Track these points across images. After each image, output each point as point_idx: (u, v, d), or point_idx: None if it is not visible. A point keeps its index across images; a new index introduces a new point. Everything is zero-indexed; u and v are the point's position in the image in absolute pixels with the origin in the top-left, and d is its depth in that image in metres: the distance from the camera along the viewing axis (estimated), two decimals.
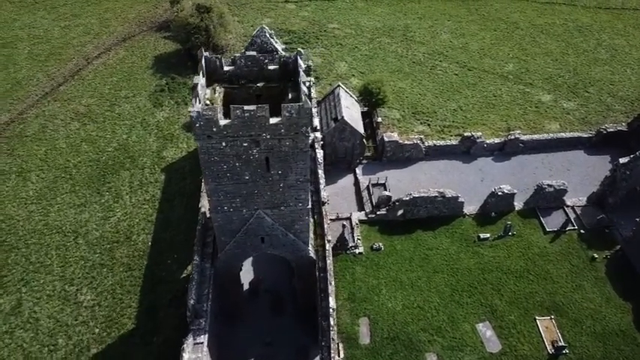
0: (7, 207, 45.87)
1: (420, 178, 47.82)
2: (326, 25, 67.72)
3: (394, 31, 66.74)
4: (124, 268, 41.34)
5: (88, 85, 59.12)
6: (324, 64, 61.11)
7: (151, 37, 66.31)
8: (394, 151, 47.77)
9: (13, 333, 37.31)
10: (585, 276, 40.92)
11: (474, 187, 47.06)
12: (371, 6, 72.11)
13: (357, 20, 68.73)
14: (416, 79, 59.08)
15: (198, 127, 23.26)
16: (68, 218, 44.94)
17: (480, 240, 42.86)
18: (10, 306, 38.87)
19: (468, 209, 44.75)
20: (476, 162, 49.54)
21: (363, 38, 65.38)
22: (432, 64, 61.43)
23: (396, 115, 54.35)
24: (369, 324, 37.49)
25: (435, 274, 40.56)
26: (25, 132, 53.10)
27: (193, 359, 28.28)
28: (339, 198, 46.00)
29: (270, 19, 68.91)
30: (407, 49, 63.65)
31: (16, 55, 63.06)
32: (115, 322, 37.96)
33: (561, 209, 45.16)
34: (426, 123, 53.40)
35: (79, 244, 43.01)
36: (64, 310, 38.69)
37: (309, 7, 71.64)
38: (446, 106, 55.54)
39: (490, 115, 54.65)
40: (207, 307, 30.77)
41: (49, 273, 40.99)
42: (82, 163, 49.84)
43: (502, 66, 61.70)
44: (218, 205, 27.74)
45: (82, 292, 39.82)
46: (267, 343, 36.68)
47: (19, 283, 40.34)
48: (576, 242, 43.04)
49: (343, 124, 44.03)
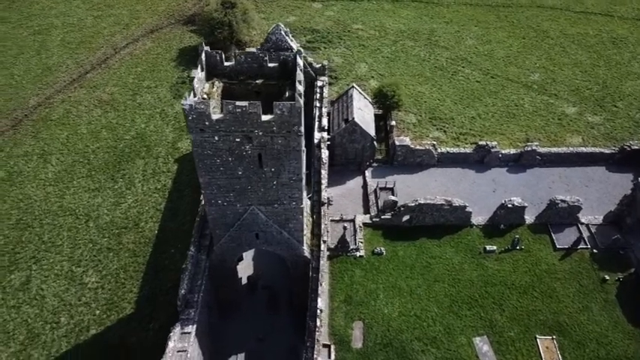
0: (27, 187, 47.73)
1: (430, 184, 47.05)
2: (350, 26, 67.45)
3: (418, 35, 65.86)
4: (130, 254, 42.38)
5: (113, 74, 60.85)
6: (344, 65, 60.90)
7: (178, 30, 67.65)
8: (405, 155, 47.17)
9: (19, 308, 38.81)
10: (594, 297, 39.36)
11: (485, 197, 45.97)
12: (397, 8, 71.39)
13: (382, 22, 68.17)
14: (436, 84, 58.14)
15: (191, 120, 23.59)
16: (82, 202, 46.40)
17: (485, 252, 41.85)
18: (20, 282, 40.45)
19: (477, 220, 43.74)
20: (489, 172, 48.35)
21: (386, 40, 64.80)
22: (454, 70, 60.31)
23: (412, 119, 53.64)
24: (363, 328, 37.16)
25: (435, 284, 39.84)
26: (50, 116, 55.11)
27: (179, 348, 28.70)
28: (345, 199, 45.78)
29: (295, 17, 69.19)
30: (430, 54, 62.70)
31: (49, 42, 65.50)
32: (115, 306, 38.97)
33: (575, 226, 43.56)
34: (442, 129, 52.49)
35: (90, 227, 44.34)
36: (69, 290, 39.98)
37: (335, 6, 71.54)
38: (464, 113, 54.45)
39: (509, 125, 53.24)
40: (199, 298, 31.17)
41: (58, 253, 42.42)
42: (100, 149, 51.36)
43: (527, 75, 59.99)
44: (212, 199, 28.08)
45: (88, 274, 41.05)
46: (260, 339, 36.93)
47: (30, 260, 41.91)
48: (587, 262, 41.44)
49: (353, 125, 43.77)
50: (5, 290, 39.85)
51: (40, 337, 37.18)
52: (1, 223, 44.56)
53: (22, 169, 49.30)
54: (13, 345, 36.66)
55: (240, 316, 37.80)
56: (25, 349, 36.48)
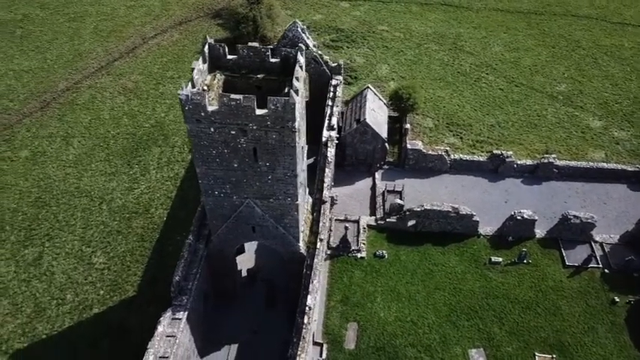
0: (48, 167, 49.64)
1: (440, 190, 46.37)
2: (375, 27, 67.10)
3: (444, 39, 64.90)
4: (137, 238, 43.50)
5: (139, 63, 62.51)
6: (365, 65, 60.66)
7: (206, 23, 68.86)
8: (417, 159, 46.63)
9: (29, 282, 40.45)
10: (601, 319, 37.95)
11: (496, 207, 44.96)
12: (425, 11, 70.55)
13: (408, 24, 67.51)
14: (457, 90, 57.19)
15: (187, 110, 24.06)
16: (97, 184, 47.92)
17: (490, 263, 40.97)
18: (33, 257, 42.13)
19: (484, 230, 42.85)
20: (503, 182, 47.24)
21: (410, 43, 64.15)
22: (477, 76, 59.18)
23: (429, 123, 52.96)
24: (357, 330, 37.01)
25: (435, 291, 39.27)
26: (76, 100, 57.12)
27: (169, 333, 29.31)
28: (353, 200, 45.64)
29: (321, 16, 69.35)
30: (454, 58, 61.70)
31: (83, 29, 67.84)
32: (118, 287, 40.10)
33: (588, 244, 42.09)
34: (459, 135, 51.62)
35: (103, 209, 45.75)
36: (77, 268, 41.38)
37: (362, 7, 71.30)
38: (483, 121, 53.38)
39: (529, 136, 51.87)
40: (193, 285, 31.70)
41: (71, 232, 43.96)
42: (119, 135, 52.89)
43: (553, 85, 58.26)
44: (209, 189, 28.55)
45: (97, 254, 42.37)
46: (254, 331, 37.21)
47: (44, 237, 43.59)
48: (597, 281, 40.00)
49: (365, 126, 43.57)
50: (18, 264, 41.58)
51: (45, 311, 38.63)
52: (22, 200, 46.48)
53: (46, 150, 51.29)
54: (20, 317, 38.22)
55: (237, 307, 38.17)
56: (31, 322, 37.97)
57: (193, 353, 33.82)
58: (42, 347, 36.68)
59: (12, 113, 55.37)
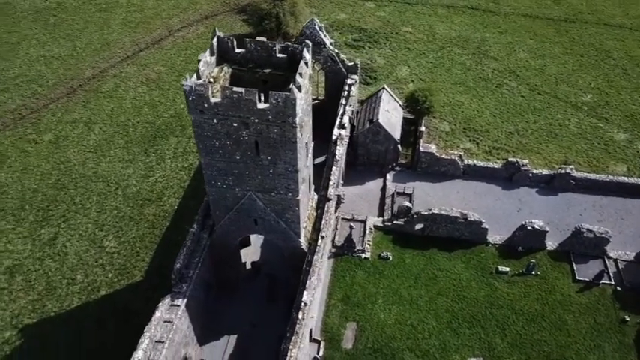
0: (70, 151, 51.28)
1: (451, 196, 45.77)
2: (399, 28, 66.63)
3: (468, 43, 63.94)
4: (148, 225, 44.51)
5: (164, 54, 63.83)
6: (385, 66, 60.35)
7: (231, 17, 69.73)
8: (430, 163, 46.16)
9: (43, 261, 41.91)
10: (608, 337, 36.83)
11: (507, 216, 44.12)
12: (452, 14, 69.62)
13: (433, 27, 66.78)
14: (477, 95, 56.31)
15: (191, 101, 24.53)
16: (115, 171, 49.22)
17: (497, 272, 40.26)
18: (48, 237, 43.62)
19: (494, 238, 42.12)
20: (517, 191, 46.29)
21: (433, 45, 63.47)
22: (499, 82, 58.13)
23: (446, 127, 52.33)
24: (356, 330, 36.97)
25: (438, 296, 38.85)
26: (101, 88, 58.77)
27: (166, 318, 29.94)
28: (362, 200, 45.54)
29: (345, 15, 69.30)
30: (476, 63, 60.75)
31: (112, 20, 69.69)
32: (126, 272, 41.14)
33: (601, 259, 40.89)
34: (475, 141, 50.84)
35: (117, 195, 46.98)
36: (89, 250, 42.65)
37: (387, 7, 70.91)
38: (502, 127, 52.40)
39: (549, 145, 50.65)
40: (194, 274, 32.26)
41: (86, 216, 45.32)
42: (139, 123, 54.18)
43: (578, 95, 56.70)
44: (212, 180, 29.02)
45: (108, 238, 43.56)
46: (254, 324, 37.58)
47: (61, 219, 45.08)
48: (608, 299, 38.81)
49: (377, 126, 43.40)
50: (34, 243, 43.13)
51: (56, 289, 39.98)
52: (42, 182, 48.18)
53: (68, 135, 52.99)
54: (32, 294, 39.66)
55: (239, 299, 38.59)
56: (42, 299, 39.36)
57: (192, 340, 34.42)
58: (50, 324, 37.96)
59: (40, 98, 57.40)
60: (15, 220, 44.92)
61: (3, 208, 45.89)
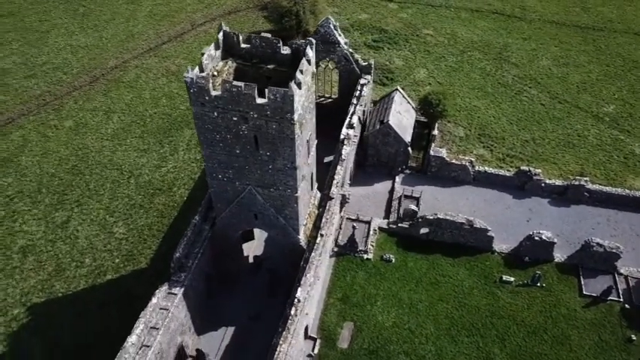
0: (88, 138, 52.72)
1: (460, 201, 45.15)
2: (420, 30, 66.04)
3: (489, 48, 62.89)
4: (157, 214, 45.39)
5: (185, 47, 64.93)
6: (403, 68, 59.93)
7: (253, 14, 70.40)
8: (440, 167, 45.64)
9: (55, 243, 43.22)
10: (613, 356, 35.79)
11: (516, 225, 43.29)
12: (475, 18, 68.58)
13: (454, 30, 65.93)
14: (495, 101, 55.37)
15: (193, 93, 24.93)
16: (129, 159, 50.36)
17: (501, 281, 39.55)
18: (61, 220, 44.96)
19: (500, 247, 41.41)
20: (528, 200, 45.34)
21: (453, 49, 62.67)
22: (518, 89, 57.00)
23: (460, 132, 51.66)
24: (352, 330, 36.90)
25: (438, 302, 38.43)
26: (122, 78, 60.18)
27: (163, 306, 30.50)
28: (369, 201, 45.38)
29: (367, 15, 69.07)
30: (497, 69, 59.71)
31: (139, 12, 71.26)
32: (133, 258, 42.06)
33: (611, 275, 39.72)
34: (489, 147, 50.04)
35: (130, 183, 48.06)
36: (99, 235, 43.77)
37: (410, 9, 70.34)
38: (518, 135, 51.40)
39: (565, 155, 49.44)
40: (193, 264, 32.76)
41: (98, 202, 46.52)
42: (156, 114, 55.27)
43: (601, 106, 55.13)
44: (213, 172, 29.41)
45: (118, 225, 44.61)
46: (252, 317, 37.91)
47: (74, 203, 46.40)
48: (615, 316, 37.68)
49: (387, 127, 43.16)
50: (48, 225, 44.51)
51: (65, 271, 41.18)
52: (60, 167, 49.67)
53: (88, 122, 54.47)
54: (42, 274, 40.95)
55: (239, 292, 38.97)
56: (51, 280, 40.60)
57: (189, 329, 34.97)
58: (57, 304, 39.12)
59: (64, 85, 59.16)
60: (31, 202, 46.44)
61: (21, 190, 47.51)
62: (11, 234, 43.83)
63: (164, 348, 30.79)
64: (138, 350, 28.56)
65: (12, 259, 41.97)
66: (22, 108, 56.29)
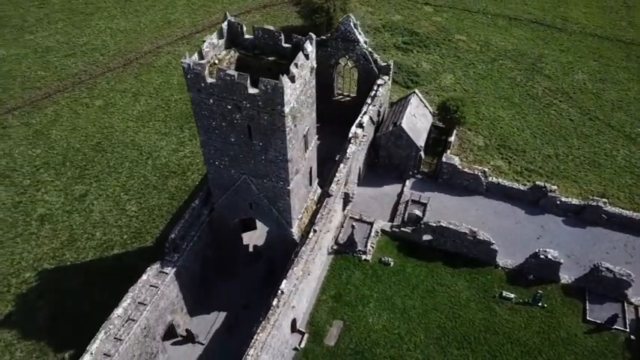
0: (114, 117, 54.92)
1: (469, 212, 44.09)
2: (453, 35, 64.72)
3: (523, 58, 60.90)
4: (169, 196, 46.77)
5: None
6: (430, 72, 58.98)
7: (287, 9, 71.00)
8: (451, 175, 44.72)
9: (71, 214, 45.34)
10: None
11: (525, 241, 41.87)
12: (512, 26, 66.53)
13: (488, 37, 64.22)
14: (520, 112, 53.64)
15: (189, 79, 25.57)
16: (150, 141, 52.09)
17: (500, 297, 38.42)
18: (80, 193, 47.11)
19: (504, 261, 40.21)
20: (541, 217, 43.72)
21: (484, 56, 61.10)
22: (548, 102, 54.98)
23: (480, 141, 50.41)
24: (341, 328, 36.84)
25: (432, 311, 37.76)
26: (153, 63, 62.23)
27: (153, 283, 31.49)
28: (376, 202, 45.05)
29: (400, 17, 68.33)
30: (527, 80, 57.78)
31: (178, 0, 73.29)
32: (140, 236, 43.55)
33: (620, 303, 37.82)
34: (508, 159, 48.58)
35: (147, 164, 49.73)
36: (111, 211, 45.57)
37: (446, 13, 69.03)
38: (540, 149, 49.63)
39: (588, 174, 47.35)
40: (188, 246, 33.61)
41: (116, 179, 48.41)
42: (181, 100, 56.81)
43: (635, 126, 52.41)
44: (210, 158, 30.08)
45: (131, 203, 46.28)
46: (245, 305, 38.49)
47: (93, 178, 48.49)
48: (619, 346, 35.88)
49: (400, 130, 42.67)
50: (67, 197, 46.75)
51: (76, 242, 43.15)
52: (85, 142, 52.00)
53: (117, 102, 56.70)
54: (55, 242, 43.09)
55: (236, 280, 39.62)
56: (62, 249, 42.66)
57: (182, 310, 35.93)
58: (64, 272, 41.08)
59: (99, 66, 61.80)
60: (55, 174, 48.89)
61: (48, 161, 50.07)
62: (33, 202, 46.31)
63: (151, 324, 31.80)
64: (124, 323, 29.65)
65: (30, 226, 44.36)
66: (58, 84, 59.24)
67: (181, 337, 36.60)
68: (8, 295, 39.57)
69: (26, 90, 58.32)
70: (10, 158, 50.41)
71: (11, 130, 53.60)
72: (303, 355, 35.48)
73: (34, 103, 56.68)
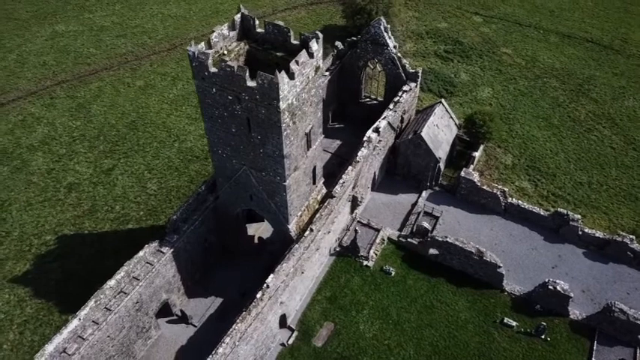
0: (151, 99, 57.17)
1: (482, 231, 42.48)
2: (498, 47, 62.36)
3: (570, 78, 57.74)
4: (188, 179, 48.17)
5: None
6: (468, 83, 57.18)
7: (333, 7, 71.03)
8: (469, 191, 43.22)
9: (96, 186, 47.70)
10: None
11: (538, 269, 39.88)
12: (565, 44, 63.20)
13: (536, 53, 61.36)
14: (557, 134, 50.96)
15: (195, 67, 26.16)
16: (179, 125, 53.83)
17: (501, 323, 36.80)
18: (107, 167, 49.45)
19: (512, 287, 38.47)
20: (560, 246, 41.41)
21: (528, 73, 58.47)
22: (589, 126, 51.89)
23: (508, 160, 48.39)
24: (331, 331, 36.60)
25: (427, 327, 36.75)
26: None
27: (149, 260, 32.56)
28: (388, 210, 44.33)
29: (446, 25, 66.64)
30: (571, 101, 54.76)
31: None
32: (154, 214, 45.15)
33: (632, 348, 35.23)
34: (535, 182, 46.36)
35: (174, 147, 51.43)
36: (133, 187, 47.52)
37: (494, 24, 66.61)
38: (573, 175, 46.97)
39: (621, 208, 44.33)
40: (188, 229, 34.47)
41: (142, 157, 50.42)
42: None
43: None
44: (214, 147, 30.68)
45: (152, 181, 48.07)
46: (242, 294, 39.03)
47: (122, 155, 50.74)
48: None
49: (419, 139, 41.68)
50: (95, 169, 49.21)
51: (96, 213, 45.36)
52: (121, 120, 54.50)
53: (156, 84, 58.97)
54: (78, 210, 45.51)
55: (237, 268, 40.25)
56: (83, 217, 44.98)
57: (178, 290, 36.93)
58: (81, 239, 43.31)
59: (146, 48, 64.49)
60: (89, 146, 51.57)
61: (84, 134, 52.90)
62: (65, 170, 49.10)
63: (144, 299, 32.90)
64: (115, 294, 30.85)
65: (59, 192, 47.07)
66: (106, 63, 62.38)
67: (177, 316, 37.65)
68: (28, 254, 42.18)
69: (77, 65, 61.81)
70: (52, 127, 53.66)
71: (57, 101, 57.02)
72: (289, 352, 35.53)
73: (81, 78, 59.99)
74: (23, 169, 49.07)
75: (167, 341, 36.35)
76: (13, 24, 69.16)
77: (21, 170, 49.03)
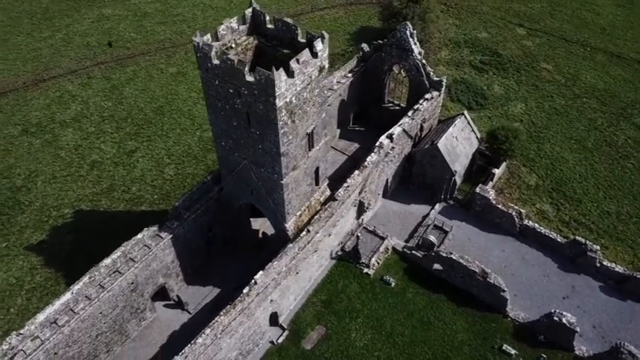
0: (181, 86, 58.40)
1: (492, 251, 40.73)
2: (539, 63, 59.64)
3: (612, 100, 54.47)
4: (205, 168, 48.84)
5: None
6: (500, 97, 55.03)
7: (371, 9, 70.13)
8: (484, 208, 41.54)
9: (117, 166, 49.19)
10: None
11: (547, 298, 37.86)
12: (612, 64, 59.66)
13: (579, 71, 58.25)
14: (590, 159, 48.19)
15: (199, 57, 26.31)
16: (204, 114, 54.42)
17: (499, 350, 35.19)
18: (130, 149, 50.91)
19: (516, 313, 36.68)
20: (575, 276, 39.12)
21: (567, 91, 55.59)
22: (626, 153, 48.77)
23: (532, 180, 46.22)
24: (322, 335, 36.13)
25: (420, 343, 35.63)
26: None
27: (146, 243, 33.16)
28: (398, 219, 43.30)
29: (487, 35, 64.40)
30: (609, 125, 51.66)
31: None
32: (166, 199, 46.05)
33: None
34: (557, 206, 44.05)
35: (195, 135, 52.31)
36: (151, 171, 48.68)
37: (538, 38, 63.74)
38: (600, 204, 44.30)
39: None
40: (190, 217, 34.86)
41: (164, 142, 51.58)
42: None
43: None
44: (217, 138, 30.83)
45: (170, 167, 49.07)
46: (239, 287, 39.07)
47: (146, 138, 52.10)
48: None
49: (435, 150, 40.41)
50: (119, 150, 50.77)
51: (114, 192, 46.77)
52: (149, 104, 55.96)
53: (187, 72, 60.17)
54: (96, 188, 47.10)
55: (239, 261, 40.37)
56: (100, 195, 46.50)
57: (177, 276, 37.47)
58: (96, 217, 44.78)
59: (183, 36, 65.91)
60: (116, 127, 53.27)
61: (113, 114, 54.68)
62: (90, 148, 50.92)
63: (140, 281, 33.58)
64: (111, 273, 31.61)
65: (82, 168, 48.86)
66: (144, 48, 64.21)
67: (173, 301, 38.23)
68: (46, 225, 44.02)
69: (116, 48, 63.94)
70: (85, 105, 55.78)
71: (94, 81, 59.21)
72: (277, 351, 35.34)
73: (118, 61, 62.03)
74: (53, 143, 51.25)
75: (161, 324, 36.96)
76: (65, 4, 72.42)
77: (51, 144, 51.22)
